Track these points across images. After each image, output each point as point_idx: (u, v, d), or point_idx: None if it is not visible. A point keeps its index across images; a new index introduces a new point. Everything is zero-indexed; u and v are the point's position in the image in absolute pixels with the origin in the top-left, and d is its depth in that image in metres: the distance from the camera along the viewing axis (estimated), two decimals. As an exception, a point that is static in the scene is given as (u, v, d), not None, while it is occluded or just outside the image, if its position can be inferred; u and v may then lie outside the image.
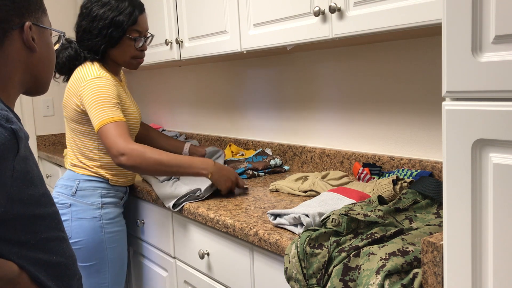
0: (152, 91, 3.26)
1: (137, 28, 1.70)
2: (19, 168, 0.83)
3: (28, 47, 0.94)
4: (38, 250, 0.89)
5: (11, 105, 0.95)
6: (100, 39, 1.67)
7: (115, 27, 1.66)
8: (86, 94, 1.59)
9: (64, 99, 1.72)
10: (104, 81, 1.61)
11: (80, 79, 1.63)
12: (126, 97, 1.74)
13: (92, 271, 1.70)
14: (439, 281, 0.81)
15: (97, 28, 1.67)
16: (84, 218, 1.67)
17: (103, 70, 1.67)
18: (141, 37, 1.72)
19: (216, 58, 2.13)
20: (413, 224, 1.12)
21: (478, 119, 0.71)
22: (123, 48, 1.70)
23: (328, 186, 1.54)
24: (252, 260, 1.33)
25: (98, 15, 1.66)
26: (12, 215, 0.84)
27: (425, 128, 1.59)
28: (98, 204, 1.69)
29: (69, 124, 1.72)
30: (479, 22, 0.70)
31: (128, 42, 1.70)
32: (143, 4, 1.74)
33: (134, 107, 1.78)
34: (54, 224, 0.93)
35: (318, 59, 1.94)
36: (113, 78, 1.68)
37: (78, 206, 1.67)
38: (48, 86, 1.04)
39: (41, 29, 0.97)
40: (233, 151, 2.30)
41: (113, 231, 1.72)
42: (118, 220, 1.75)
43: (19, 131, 0.82)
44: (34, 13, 0.95)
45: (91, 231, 1.67)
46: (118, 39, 1.68)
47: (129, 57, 1.73)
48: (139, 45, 1.73)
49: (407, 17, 1.19)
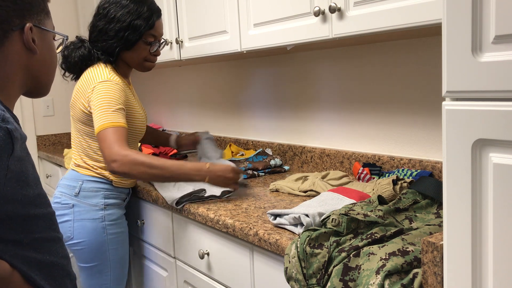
0: (152, 91, 3.26)
1: (153, 33, 1.71)
2: (13, 168, 0.83)
3: (29, 49, 0.94)
4: (31, 250, 0.89)
5: (10, 106, 0.95)
6: (116, 41, 1.67)
7: (132, 30, 1.66)
8: (94, 96, 1.59)
9: (72, 99, 1.71)
10: (112, 85, 1.60)
11: (90, 81, 1.63)
12: (134, 101, 1.73)
13: (94, 272, 1.70)
14: (439, 281, 0.81)
15: (113, 30, 1.66)
16: (86, 219, 1.67)
17: (113, 74, 1.66)
18: (156, 42, 1.73)
19: (216, 58, 2.13)
20: (413, 224, 1.12)
21: (478, 119, 0.71)
22: (138, 51, 1.70)
23: (328, 186, 1.54)
24: (252, 260, 1.33)
25: (116, 17, 1.65)
26: (5, 214, 0.84)
27: (425, 128, 1.59)
28: (101, 205, 1.69)
29: (76, 125, 1.72)
30: (479, 22, 0.70)
31: (143, 46, 1.70)
32: (160, 10, 1.74)
33: (141, 110, 1.77)
34: (49, 224, 0.93)
35: (318, 59, 1.94)
36: (122, 82, 1.67)
37: (81, 207, 1.67)
38: (49, 88, 1.04)
39: (43, 31, 0.97)
40: (233, 151, 2.30)
41: (115, 232, 1.72)
42: (120, 221, 1.75)
43: (14, 131, 0.82)
44: (36, 15, 0.95)
45: (94, 232, 1.67)
46: (134, 42, 1.68)
47: (142, 60, 1.73)
48: (154, 50, 1.73)
49: (407, 17, 1.19)
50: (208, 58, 2.09)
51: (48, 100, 3.31)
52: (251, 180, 1.85)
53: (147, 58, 1.73)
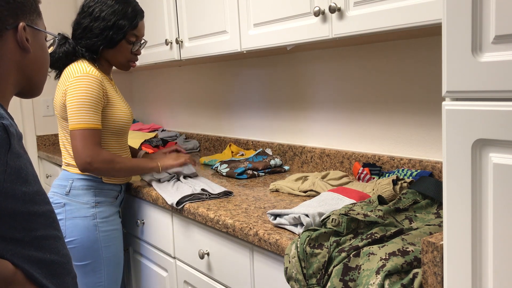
0: (152, 91, 3.26)
1: (136, 33, 1.76)
2: (12, 164, 0.83)
3: (22, 48, 0.96)
4: (32, 248, 0.89)
5: (4, 105, 0.96)
6: (100, 39, 1.70)
7: (116, 29, 1.70)
8: (70, 90, 1.62)
9: (54, 97, 1.75)
10: (90, 79, 1.63)
11: (69, 76, 1.66)
12: (116, 95, 1.76)
13: (88, 270, 1.70)
14: (439, 281, 0.81)
15: (98, 28, 1.69)
16: (78, 217, 1.68)
17: (93, 68, 1.68)
18: (138, 42, 1.79)
19: (216, 58, 2.13)
20: (413, 224, 1.12)
21: (478, 119, 0.71)
22: (120, 50, 1.75)
23: (328, 186, 1.54)
24: (252, 260, 1.33)
25: (101, 16, 1.69)
26: (5, 211, 0.84)
27: (425, 128, 1.59)
28: (91, 203, 1.70)
29: (61, 123, 1.74)
30: (479, 22, 0.70)
31: (126, 45, 1.75)
32: (143, 11, 1.80)
33: (125, 105, 1.80)
34: (49, 222, 0.93)
35: (318, 59, 1.94)
36: (103, 77, 1.71)
37: (72, 205, 1.68)
38: (41, 88, 1.06)
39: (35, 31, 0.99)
40: (233, 151, 2.30)
41: (107, 230, 1.73)
42: (113, 218, 1.76)
43: (10, 126, 0.83)
44: (29, 15, 0.97)
45: (85, 230, 1.68)
46: (117, 41, 1.73)
47: (123, 59, 1.78)
48: (135, 49, 1.79)
49: (407, 17, 1.19)
50: (208, 58, 2.09)
51: (48, 100, 3.31)
52: (251, 180, 1.86)
53: (129, 57, 1.79)
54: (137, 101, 3.47)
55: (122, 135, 1.79)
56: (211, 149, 2.64)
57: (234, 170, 1.91)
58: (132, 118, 1.83)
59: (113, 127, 1.72)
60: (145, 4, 2.36)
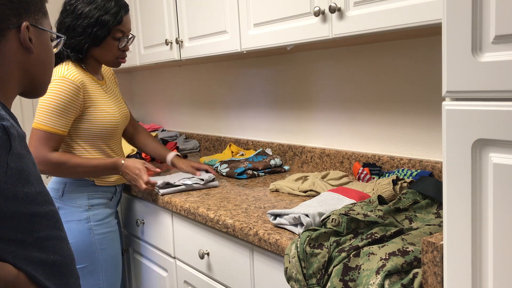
0: (152, 91, 3.26)
1: (121, 28, 1.70)
2: (13, 165, 0.82)
3: (25, 48, 0.95)
4: (35, 249, 0.89)
5: (7, 105, 0.95)
6: (84, 37, 1.66)
7: (100, 26, 1.65)
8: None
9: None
10: (65, 84, 1.59)
11: None
12: (103, 98, 1.72)
13: (85, 273, 1.68)
14: (439, 281, 0.81)
15: (81, 26, 1.65)
16: (72, 220, 1.66)
17: (74, 71, 1.63)
18: (124, 38, 1.73)
19: (216, 58, 2.13)
20: (413, 224, 1.12)
21: (478, 119, 0.71)
22: (106, 47, 1.70)
23: (328, 186, 1.54)
24: (252, 260, 1.33)
25: (83, 13, 1.64)
26: (7, 212, 0.83)
27: (425, 128, 1.59)
28: (85, 206, 1.69)
29: None
30: (479, 22, 0.70)
31: (112, 42, 1.70)
32: (128, 5, 1.75)
33: (114, 106, 1.75)
34: (52, 223, 0.93)
35: (318, 59, 1.94)
36: (88, 79, 1.67)
37: (66, 209, 1.67)
38: (45, 88, 1.05)
39: (39, 31, 0.97)
40: (233, 151, 2.30)
41: (103, 233, 1.71)
42: (108, 221, 1.74)
43: (10, 127, 0.82)
44: (34, 15, 0.96)
45: (80, 233, 1.66)
46: (103, 38, 1.67)
47: (111, 56, 1.73)
48: (122, 45, 1.73)
49: (407, 17, 1.19)
50: (208, 58, 2.09)
51: (48, 100, 3.31)
52: (251, 180, 1.86)
53: (117, 54, 1.73)
54: (137, 101, 3.46)
55: (110, 137, 1.75)
56: (211, 149, 2.64)
57: (234, 170, 1.91)
58: (123, 120, 1.79)
59: (98, 129, 1.69)
60: (145, 4, 2.36)
